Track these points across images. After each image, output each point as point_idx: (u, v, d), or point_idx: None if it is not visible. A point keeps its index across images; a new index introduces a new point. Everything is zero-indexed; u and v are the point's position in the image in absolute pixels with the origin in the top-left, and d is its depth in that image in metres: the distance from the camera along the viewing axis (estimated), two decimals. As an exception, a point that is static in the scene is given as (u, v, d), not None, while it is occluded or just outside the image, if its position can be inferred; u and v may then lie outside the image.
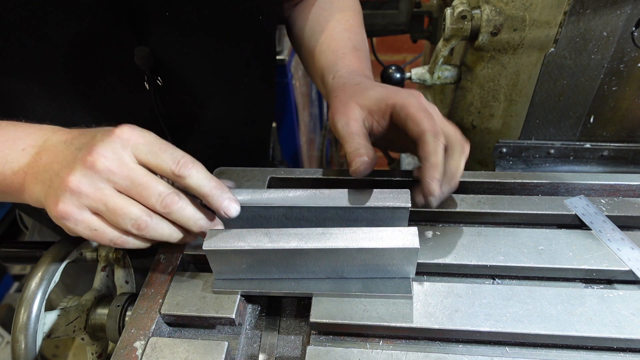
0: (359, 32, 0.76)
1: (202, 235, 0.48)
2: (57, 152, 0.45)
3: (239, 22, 0.68)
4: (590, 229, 0.53)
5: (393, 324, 0.44)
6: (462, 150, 0.52)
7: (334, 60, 0.69)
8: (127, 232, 0.45)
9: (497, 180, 0.59)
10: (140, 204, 0.44)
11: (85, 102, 0.65)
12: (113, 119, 0.68)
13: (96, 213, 0.44)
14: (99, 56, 0.61)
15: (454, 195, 0.57)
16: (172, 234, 0.47)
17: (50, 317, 0.54)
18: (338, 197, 0.50)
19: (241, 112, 0.80)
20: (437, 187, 0.48)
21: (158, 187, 0.44)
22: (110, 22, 0.58)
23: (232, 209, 0.47)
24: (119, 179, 0.42)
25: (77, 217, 0.43)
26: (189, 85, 0.69)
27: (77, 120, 0.66)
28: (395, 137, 0.56)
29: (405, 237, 0.45)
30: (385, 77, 0.95)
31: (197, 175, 0.45)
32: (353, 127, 0.53)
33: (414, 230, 0.45)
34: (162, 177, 0.46)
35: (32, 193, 0.47)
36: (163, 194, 0.44)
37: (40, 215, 0.84)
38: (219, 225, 0.49)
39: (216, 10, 0.64)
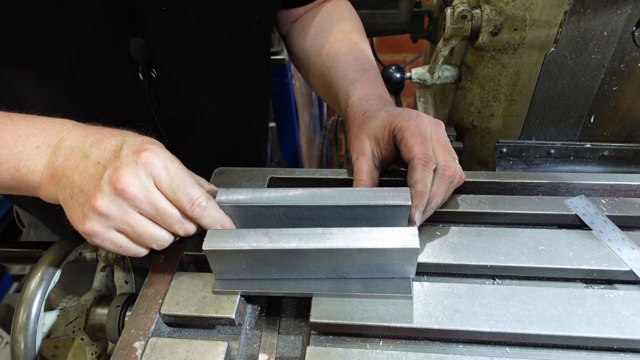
0: (363, 48, 0.76)
1: None
2: (76, 159, 0.47)
3: (233, 20, 0.68)
4: (591, 229, 0.53)
5: (393, 324, 0.44)
6: (449, 181, 0.52)
7: (345, 88, 0.69)
8: (148, 247, 0.49)
9: (497, 180, 0.59)
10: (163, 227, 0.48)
11: (79, 91, 0.65)
12: (106, 110, 0.68)
13: (121, 231, 0.47)
14: (94, 47, 0.61)
15: (454, 195, 0.57)
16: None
17: (50, 318, 0.54)
18: (338, 196, 0.50)
19: (235, 109, 0.80)
20: (419, 216, 0.50)
21: (180, 215, 0.48)
22: (107, 13, 0.58)
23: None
24: (145, 206, 0.46)
25: (104, 236, 0.46)
26: (183, 78, 0.70)
27: (70, 109, 0.66)
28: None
29: (405, 237, 0.45)
30: (385, 77, 0.95)
31: (207, 219, 0.49)
32: (360, 162, 0.57)
33: (414, 230, 0.45)
34: None
35: (47, 192, 0.49)
36: (186, 223, 0.49)
37: (39, 212, 0.84)
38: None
39: (211, 8, 0.64)
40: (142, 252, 0.49)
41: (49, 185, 0.48)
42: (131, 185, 0.44)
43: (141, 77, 0.64)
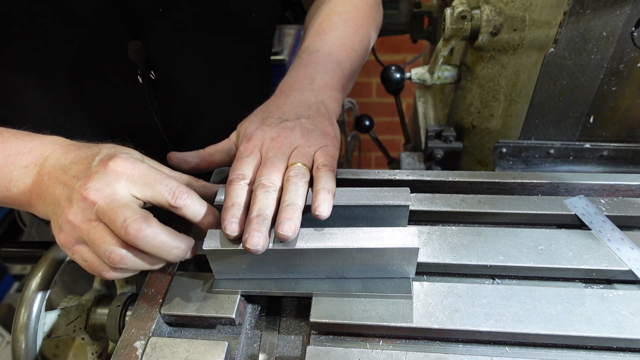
0: (331, 28, 0.70)
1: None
2: (57, 176, 0.47)
3: (230, 20, 0.68)
4: (590, 229, 0.53)
5: (393, 324, 0.44)
6: (264, 191, 0.47)
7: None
8: (109, 265, 0.44)
9: (497, 180, 0.59)
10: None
11: (79, 95, 0.65)
12: (107, 113, 0.68)
13: (84, 242, 0.44)
14: (94, 51, 0.61)
15: (455, 195, 0.58)
16: (156, 263, 0.46)
17: (51, 317, 0.54)
18: (338, 196, 0.50)
19: (235, 108, 0.80)
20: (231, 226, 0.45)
21: (125, 212, 0.41)
22: (105, 17, 0.59)
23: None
24: (99, 207, 0.42)
25: (72, 247, 0.44)
26: (182, 79, 0.70)
27: (72, 113, 0.66)
28: None
29: (405, 237, 0.45)
30: (385, 77, 0.95)
31: (192, 205, 0.46)
32: (214, 148, 0.61)
33: (413, 230, 0.45)
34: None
35: (38, 210, 0.49)
36: (128, 219, 0.41)
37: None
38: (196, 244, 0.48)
39: (208, 8, 0.64)
40: (105, 269, 0.44)
41: (37, 204, 0.49)
42: (94, 189, 0.43)
43: (140, 79, 0.65)
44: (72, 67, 0.62)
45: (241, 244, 0.45)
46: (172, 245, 0.44)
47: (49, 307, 0.54)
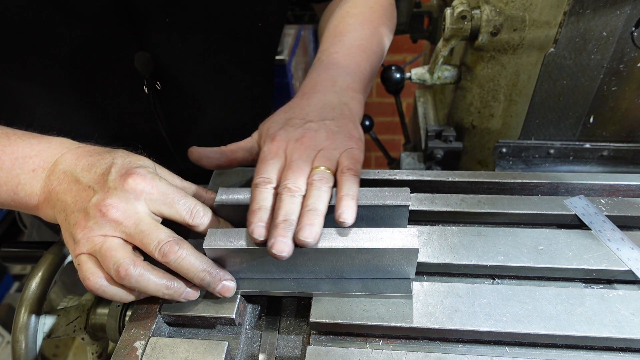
0: (347, 30, 0.69)
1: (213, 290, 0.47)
2: (69, 183, 0.47)
3: (237, 29, 0.68)
4: (590, 229, 0.53)
5: (393, 324, 0.44)
6: (290, 195, 0.47)
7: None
8: (112, 281, 0.45)
9: (497, 180, 0.59)
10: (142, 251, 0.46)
11: (85, 104, 0.65)
12: (112, 122, 0.69)
13: (93, 254, 0.45)
14: (100, 61, 0.61)
15: (455, 195, 0.58)
16: (160, 289, 0.45)
17: (51, 317, 0.54)
18: (338, 197, 0.50)
19: (239, 115, 0.81)
20: (259, 231, 0.45)
21: (159, 234, 0.44)
22: (112, 28, 0.59)
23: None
24: (125, 227, 0.44)
25: (80, 257, 0.45)
26: (188, 89, 0.70)
27: (78, 121, 0.66)
28: None
29: (405, 237, 0.45)
30: (385, 77, 0.95)
31: (208, 224, 0.48)
32: (237, 145, 0.59)
33: (413, 231, 0.45)
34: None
35: (46, 214, 0.49)
36: (162, 241, 0.44)
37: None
38: (227, 281, 0.47)
39: (215, 17, 0.64)
40: (99, 281, 0.44)
41: (46, 208, 0.49)
42: (114, 207, 0.44)
43: (146, 90, 0.65)
44: (79, 77, 0.62)
45: (248, 245, 0.45)
46: (201, 268, 0.45)
47: (49, 307, 0.54)
